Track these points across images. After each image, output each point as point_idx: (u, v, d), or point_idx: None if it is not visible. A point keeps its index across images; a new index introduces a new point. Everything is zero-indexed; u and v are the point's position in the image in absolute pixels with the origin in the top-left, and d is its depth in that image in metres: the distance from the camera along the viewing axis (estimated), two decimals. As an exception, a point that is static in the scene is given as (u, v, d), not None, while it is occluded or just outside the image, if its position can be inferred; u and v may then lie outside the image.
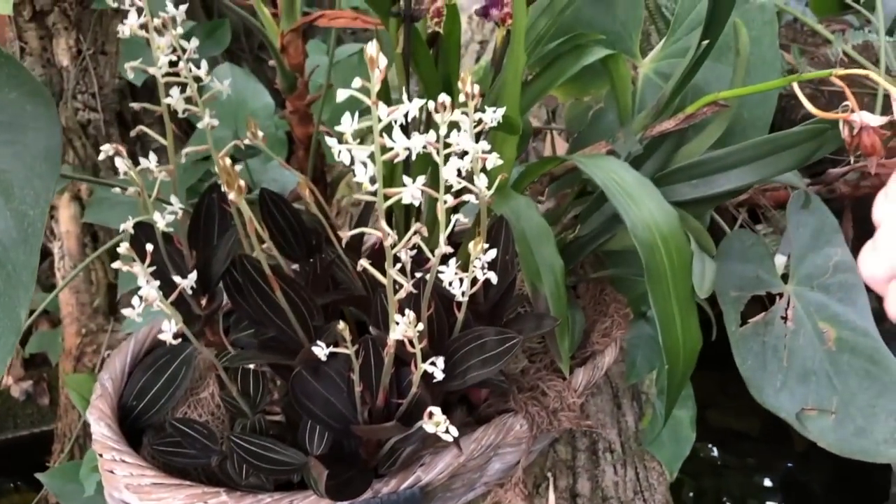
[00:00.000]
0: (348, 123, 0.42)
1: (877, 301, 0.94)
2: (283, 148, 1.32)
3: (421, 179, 0.47)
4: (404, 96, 0.43)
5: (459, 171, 0.48)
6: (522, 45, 0.65)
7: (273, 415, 0.71)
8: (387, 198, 0.46)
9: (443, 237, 0.50)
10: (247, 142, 0.72)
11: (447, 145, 0.46)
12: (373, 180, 0.44)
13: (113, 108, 1.56)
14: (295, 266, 0.72)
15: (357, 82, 0.40)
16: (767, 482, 1.78)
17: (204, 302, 0.65)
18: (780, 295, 0.91)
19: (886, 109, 1.11)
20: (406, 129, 0.46)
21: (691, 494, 1.62)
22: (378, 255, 0.75)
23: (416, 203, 0.46)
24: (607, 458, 0.99)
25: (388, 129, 0.44)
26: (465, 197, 0.50)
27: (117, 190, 0.61)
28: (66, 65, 1.51)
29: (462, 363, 0.60)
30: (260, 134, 0.72)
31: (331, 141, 0.43)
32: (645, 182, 0.69)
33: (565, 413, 0.76)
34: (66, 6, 1.48)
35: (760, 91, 0.76)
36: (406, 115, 0.43)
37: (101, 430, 0.67)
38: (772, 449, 1.79)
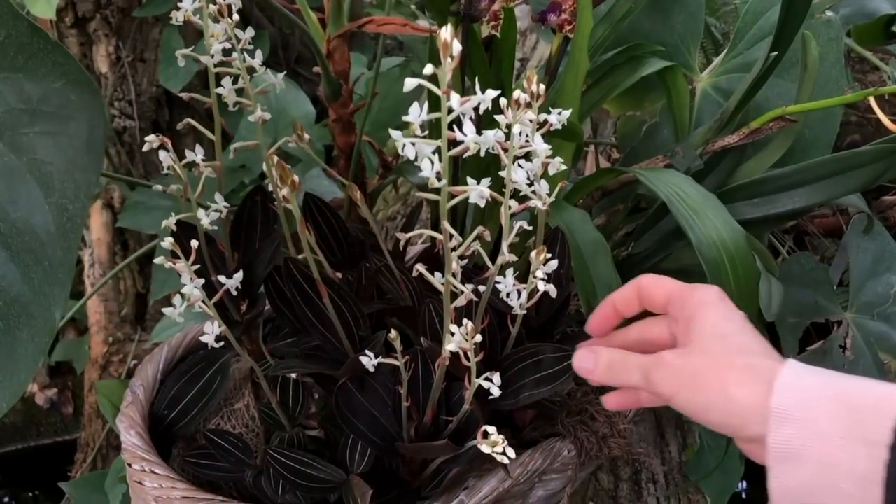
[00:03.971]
0: (416, 114, 0.39)
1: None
2: (322, 161, 1.30)
3: (486, 181, 0.44)
4: (477, 89, 0.40)
5: (527, 175, 0.45)
6: (585, 49, 0.63)
7: (310, 429, 0.68)
8: (451, 198, 0.43)
9: (505, 245, 0.46)
10: (292, 144, 0.70)
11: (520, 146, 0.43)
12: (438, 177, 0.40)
13: (149, 116, 1.55)
14: (338, 274, 0.69)
15: (428, 69, 0.37)
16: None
17: (244, 307, 0.63)
18: (839, 323, 0.86)
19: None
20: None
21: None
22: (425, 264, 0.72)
23: (482, 204, 0.43)
24: (650, 489, 0.94)
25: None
26: (531, 203, 0.47)
27: (158, 187, 0.58)
28: (105, 71, 1.51)
29: (515, 381, 0.57)
30: (307, 136, 0.69)
31: (395, 133, 0.40)
32: (710, 197, 0.66)
33: (615, 440, 0.72)
34: (108, 13, 1.47)
35: (829, 106, 0.72)
36: (477, 108, 0.40)
37: (132, 438, 0.64)
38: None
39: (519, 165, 0.46)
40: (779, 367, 0.42)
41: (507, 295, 0.52)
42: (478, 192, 0.41)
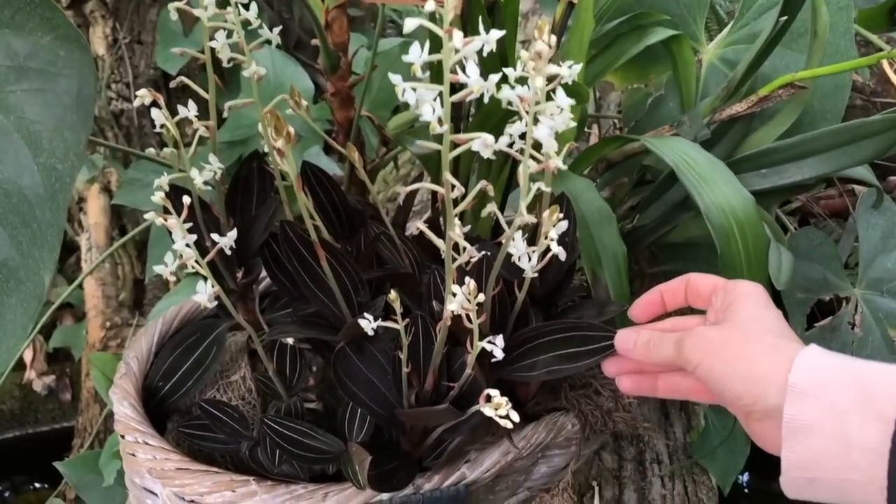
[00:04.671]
0: (417, 54, 0.37)
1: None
2: (321, 140, 1.29)
3: (505, 139, 0.42)
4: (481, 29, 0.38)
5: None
6: (591, 9, 0.61)
7: (308, 402, 0.66)
8: (454, 147, 0.41)
9: (523, 205, 0.45)
10: (290, 111, 0.68)
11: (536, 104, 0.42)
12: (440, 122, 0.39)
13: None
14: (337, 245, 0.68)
15: (430, 5, 0.36)
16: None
17: (240, 275, 0.61)
18: (847, 300, 0.85)
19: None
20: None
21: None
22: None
23: (487, 156, 0.41)
24: (654, 469, 0.93)
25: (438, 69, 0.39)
26: (551, 163, 0.45)
27: (151, 151, 0.57)
28: (102, 53, 1.49)
29: (533, 354, 0.55)
30: (304, 103, 0.68)
31: (395, 78, 0.38)
32: (718, 163, 0.64)
33: (620, 414, 0.71)
34: (105, -6, 1.46)
35: (839, 72, 0.70)
36: (481, 50, 0.38)
37: (124, 410, 0.62)
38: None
39: (539, 122, 0.44)
40: (801, 348, 0.45)
41: (518, 259, 0.51)
42: (482, 140, 0.40)
